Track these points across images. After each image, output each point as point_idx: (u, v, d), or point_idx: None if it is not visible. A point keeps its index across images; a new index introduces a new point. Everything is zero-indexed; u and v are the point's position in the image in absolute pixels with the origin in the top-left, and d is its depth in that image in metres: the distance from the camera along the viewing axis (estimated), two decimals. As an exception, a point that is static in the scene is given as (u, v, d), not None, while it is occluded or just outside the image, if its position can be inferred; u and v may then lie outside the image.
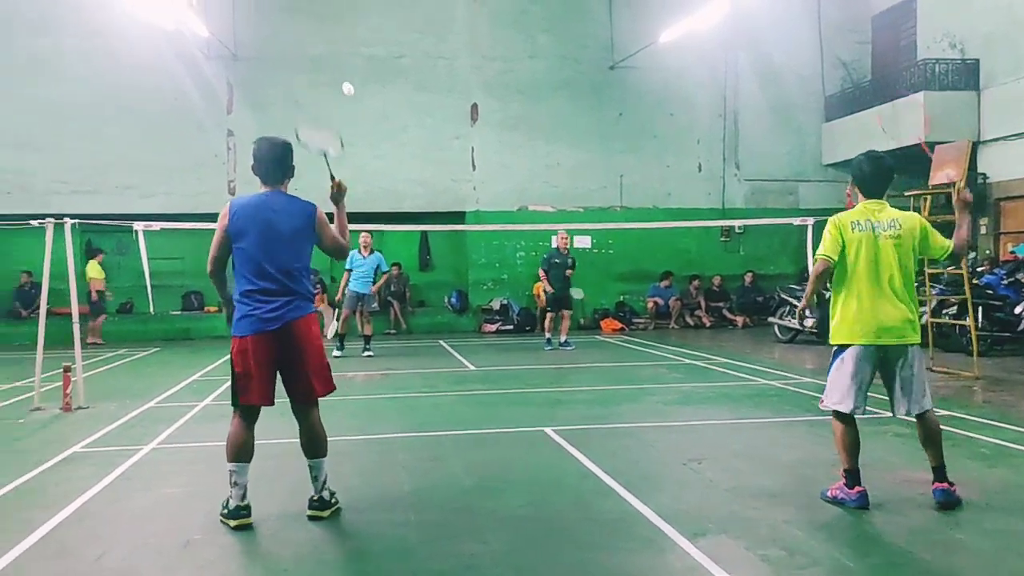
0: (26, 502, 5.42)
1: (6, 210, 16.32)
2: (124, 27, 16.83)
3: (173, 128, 17.75)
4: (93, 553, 4.42)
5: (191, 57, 17.35)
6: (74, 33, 17.25)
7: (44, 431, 7.83)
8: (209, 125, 17.82)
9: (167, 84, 17.46)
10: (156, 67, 17.29)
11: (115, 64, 17.34)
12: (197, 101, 17.62)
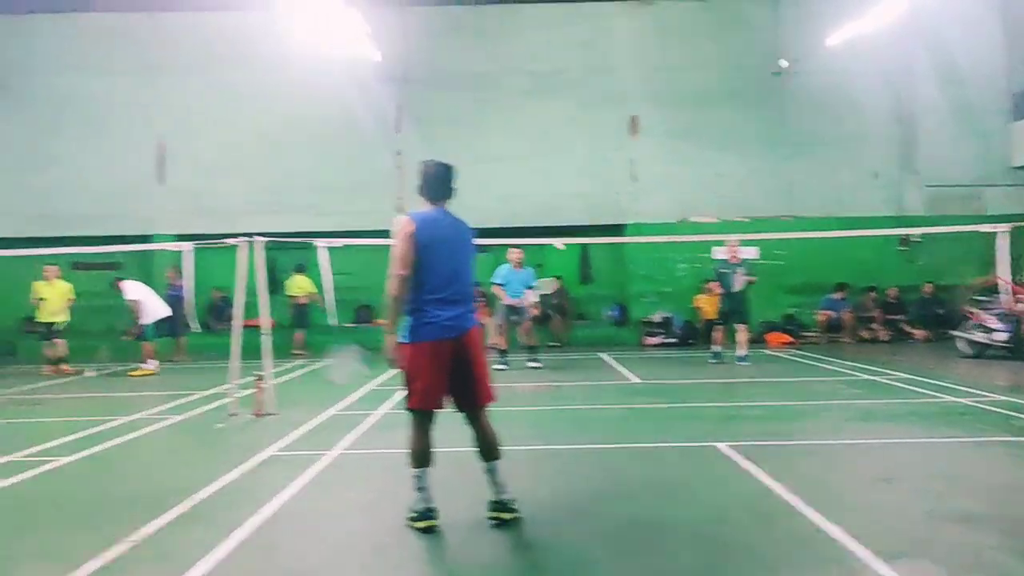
0: (232, 500, 5.84)
1: (202, 230, 17.67)
2: (306, 58, 17.91)
3: (346, 150, 18.72)
4: (297, 552, 4.71)
5: (363, 82, 18.25)
6: (263, 67, 18.51)
7: (241, 435, 8.41)
8: (378, 146, 18.66)
9: (342, 109, 18.43)
10: (332, 93, 18.29)
11: (297, 93, 18.48)
12: (368, 123, 18.50)
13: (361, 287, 18.18)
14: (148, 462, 7.40)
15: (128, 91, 18.78)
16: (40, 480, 6.59)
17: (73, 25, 18.86)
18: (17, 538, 5.06)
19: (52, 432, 8.61)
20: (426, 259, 5.05)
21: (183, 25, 18.78)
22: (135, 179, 18.73)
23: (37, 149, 18.69)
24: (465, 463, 6.03)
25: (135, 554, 4.65)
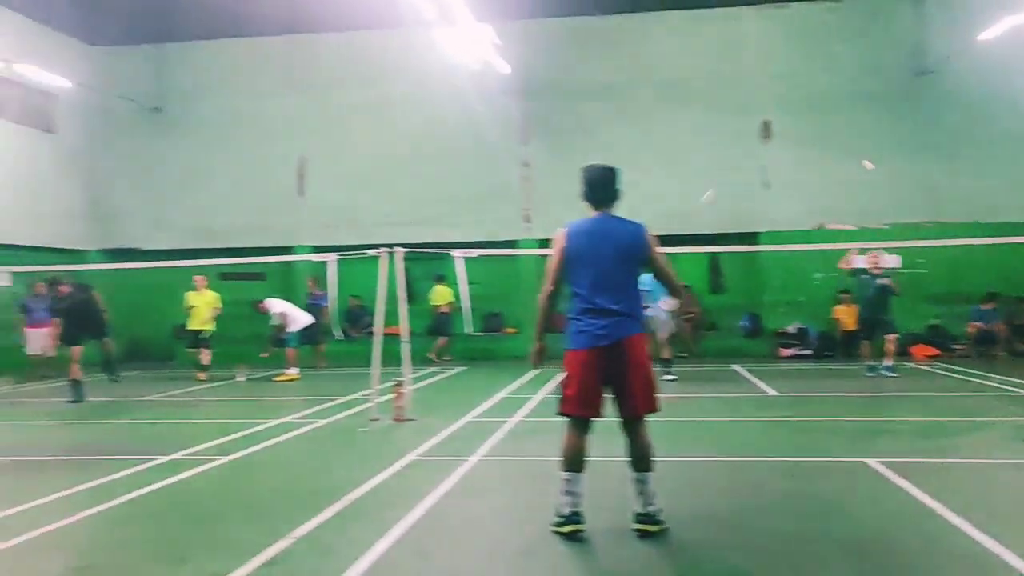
0: (382, 501, 6.05)
1: (338, 241, 18.39)
2: (437, 72, 18.41)
3: (475, 162, 19.07)
4: (448, 554, 4.83)
5: (491, 94, 18.56)
6: (396, 83, 19.15)
7: (383, 439, 8.69)
8: (506, 157, 18.91)
9: (470, 121, 18.81)
10: (462, 106, 18.69)
11: (428, 107, 19.01)
12: (496, 135, 18.79)
13: (489, 296, 18.45)
14: (299, 463, 7.74)
15: (274, 110, 19.76)
16: (203, 477, 7.01)
17: (226, 50, 20.02)
18: (190, 530, 5.40)
19: (209, 433, 9.14)
20: (578, 269, 5.10)
21: (324, 46, 19.62)
22: (278, 193, 19.67)
23: (193, 167, 19.91)
24: (613, 472, 6.04)
25: (298, 549, 4.88)
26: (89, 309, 12.48)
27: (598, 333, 4.98)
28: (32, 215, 18.41)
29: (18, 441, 8.92)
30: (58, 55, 18.76)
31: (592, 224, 5.18)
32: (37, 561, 4.85)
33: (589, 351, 4.99)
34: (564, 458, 5.08)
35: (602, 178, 5.28)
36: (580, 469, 5.07)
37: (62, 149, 19.48)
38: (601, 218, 5.21)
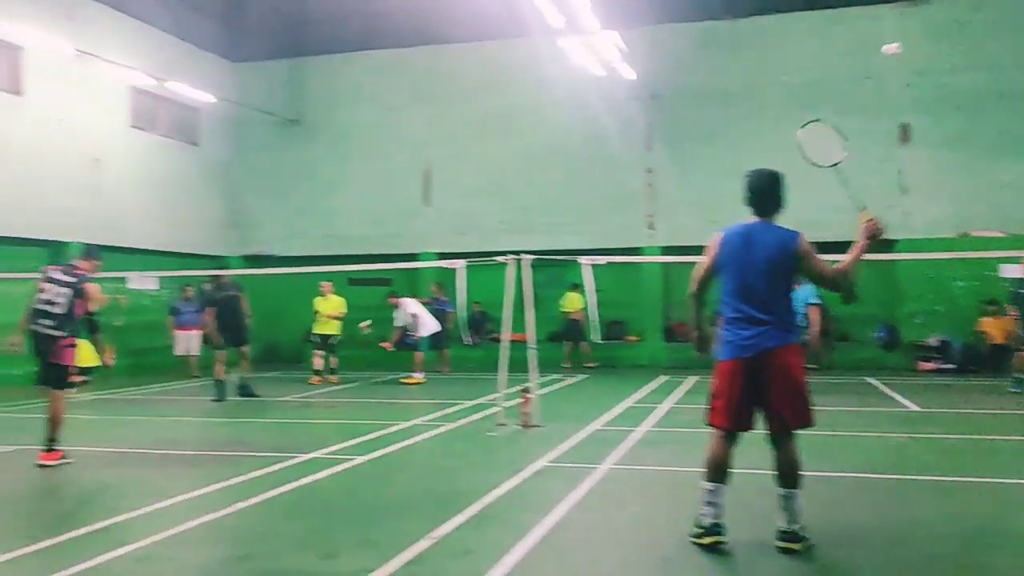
0: (517, 506, 6.09)
1: (461, 248, 18.70)
2: (562, 80, 18.48)
3: (598, 168, 19.03)
4: (586, 560, 4.82)
5: (615, 101, 18.49)
6: (520, 91, 19.36)
7: (511, 445, 8.75)
8: (629, 164, 18.80)
9: (592, 127, 18.80)
10: (585, 113, 18.71)
11: (552, 114, 19.12)
12: (619, 142, 18.70)
13: (612, 303, 18.31)
14: (432, 465, 7.89)
15: (403, 120, 20.34)
16: (342, 476, 7.24)
17: (359, 62, 20.74)
18: (335, 526, 5.58)
19: (343, 433, 9.44)
20: (726, 276, 5.02)
21: (451, 56, 20.05)
22: (405, 202, 20.19)
23: (325, 176, 20.70)
24: (756, 486, 5.89)
25: (439, 549, 4.97)
26: (236, 309, 13.07)
27: (743, 344, 4.87)
28: (178, 223, 19.54)
29: (172, 436, 9.44)
30: (203, 72, 19.86)
31: (745, 231, 5.06)
32: (200, 548, 5.12)
33: (734, 362, 4.88)
34: (707, 468, 4.98)
35: (763, 185, 5.13)
36: (723, 480, 4.96)
37: (205, 161, 20.61)
38: (756, 225, 5.07)
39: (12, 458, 8.25)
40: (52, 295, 7.70)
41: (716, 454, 4.96)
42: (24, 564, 4.74)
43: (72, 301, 7.64)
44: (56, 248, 16.54)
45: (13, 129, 15.44)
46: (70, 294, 7.67)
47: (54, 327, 7.65)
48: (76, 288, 7.71)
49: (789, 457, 4.91)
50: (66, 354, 7.67)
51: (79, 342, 15.51)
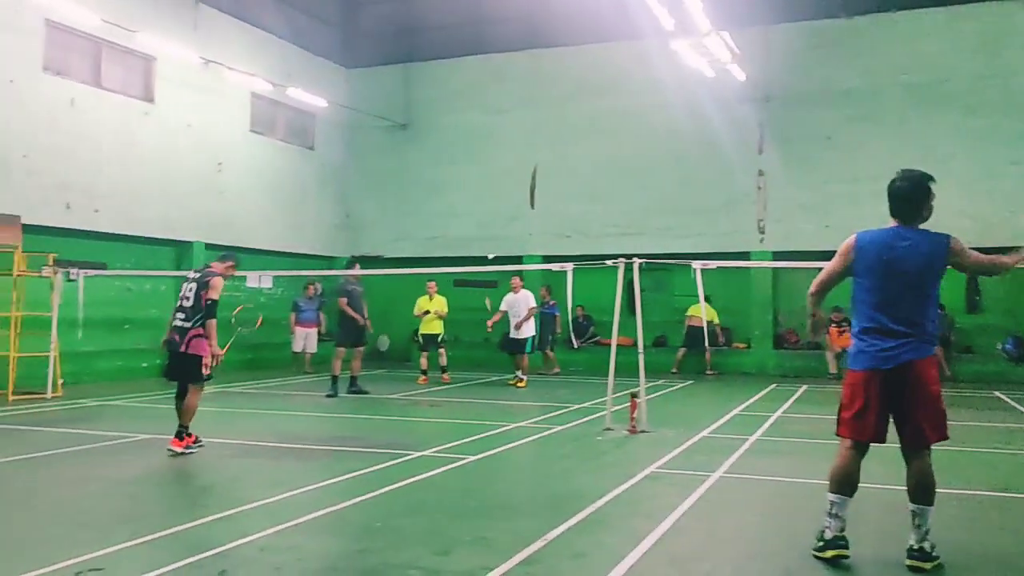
0: (628, 511, 6.05)
1: (568, 251, 18.71)
2: (667, 83, 18.26)
3: (707, 171, 18.70)
4: (702, 568, 4.74)
5: (726, 102, 18.14)
6: (628, 93, 19.22)
7: (619, 450, 8.69)
8: (740, 166, 18.40)
9: (702, 130, 18.48)
10: (694, 115, 18.41)
11: (659, 117, 18.90)
12: (729, 144, 18.33)
13: (720, 309, 17.99)
14: (541, 467, 7.92)
15: (510, 123, 20.47)
16: (454, 474, 7.34)
17: (468, 67, 21.00)
18: (449, 524, 5.66)
19: (453, 433, 9.58)
20: (864, 283, 4.79)
21: (561, 59, 20.05)
22: (510, 205, 20.32)
23: (433, 179, 21.04)
24: (876, 500, 5.68)
25: (552, 551, 4.98)
26: (358, 308, 13.44)
27: (881, 355, 4.66)
28: (292, 225, 20.23)
29: (289, 430, 9.76)
30: (319, 78, 20.51)
31: (887, 236, 4.78)
32: (319, 540, 5.29)
33: (869, 373, 4.69)
34: (833, 479, 4.81)
35: (903, 191, 4.83)
36: (849, 492, 4.79)
37: (319, 164, 21.26)
38: (899, 231, 4.79)
39: (141, 446, 8.70)
40: (185, 292, 8.25)
41: (843, 466, 4.80)
42: (156, 548, 4.99)
43: (199, 295, 8.11)
44: (182, 248, 17.40)
45: (146, 134, 16.30)
46: (196, 288, 8.16)
47: (184, 319, 8.13)
48: (201, 282, 8.18)
49: (923, 472, 4.70)
50: (196, 344, 8.05)
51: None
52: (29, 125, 14.14)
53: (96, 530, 5.39)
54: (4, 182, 13.72)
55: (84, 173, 15.06)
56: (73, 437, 9.09)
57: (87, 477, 7.26)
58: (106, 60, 15.73)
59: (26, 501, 6.36)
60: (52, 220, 14.42)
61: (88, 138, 15.14)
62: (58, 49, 14.84)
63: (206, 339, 8.05)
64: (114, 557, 4.76)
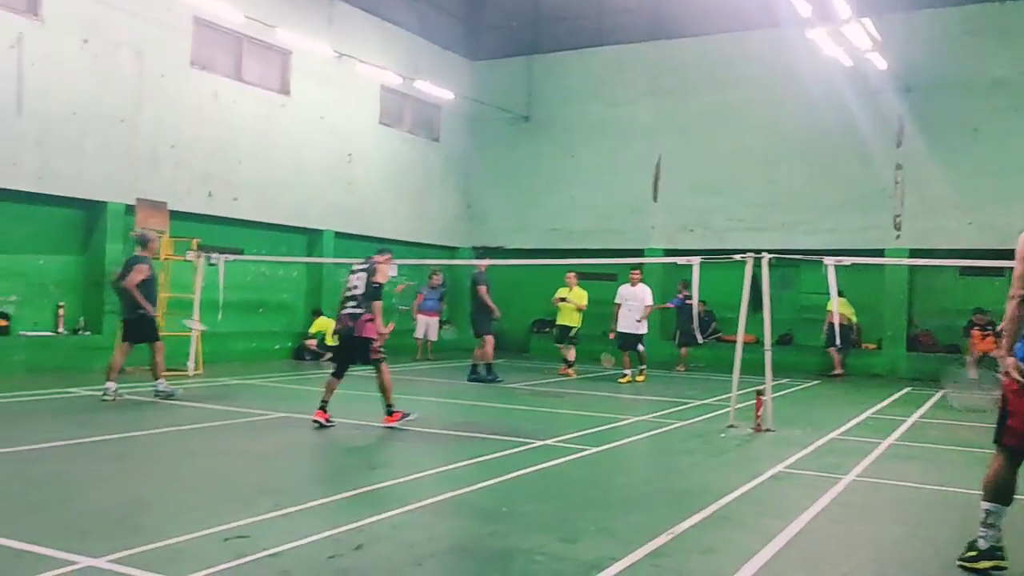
0: (756, 510, 5.91)
1: (690, 245, 18.39)
2: (801, 73, 17.67)
3: (839, 165, 18.02)
4: (838, 571, 4.59)
5: (864, 93, 17.40)
6: (757, 84, 18.72)
7: (743, 447, 8.51)
8: (878, 159, 17.62)
9: (837, 122, 17.80)
10: (828, 107, 17.74)
11: (792, 108, 18.33)
12: (867, 136, 17.59)
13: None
14: (665, 461, 7.85)
15: (633, 115, 20.28)
16: (577, 464, 7.36)
17: (590, 59, 20.93)
18: (574, 513, 5.68)
19: (575, 423, 9.62)
20: None
21: (686, 49, 19.73)
22: (634, 197, 20.13)
23: (554, 171, 21.09)
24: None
25: (679, 545, 4.93)
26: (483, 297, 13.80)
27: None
28: (418, 215, 20.69)
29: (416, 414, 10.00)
30: (445, 70, 20.86)
31: None
32: (450, 521, 5.41)
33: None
34: (989, 487, 4.55)
35: None
36: (1006, 501, 4.52)
37: (443, 156, 21.65)
38: None
39: (278, 423, 9.12)
40: (354, 282, 8.94)
41: (1000, 474, 4.53)
42: (296, 519, 5.22)
43: (368, 283, 8.78)
44: (313, 236, 18.08)
45: (282, 126, 17.01)
46: (365, 277, 8.84)
47: (356, 306, 8.79)
48: (369, 270, 8.84)
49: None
50: (367, 328, 8.70)
51: (327, 322, 16.77)
52: (177, 118, 14.98)
53: (240, 500, 5.68)
54: (154, 171, 14.60)
55: (225, 163, 15.85)
56: (215, 413, 9.62)
57: (230, 450, 7.67)
58: (247, 55, 16.50)
59: (175, 471, 6.77)
60: (196, 207, 15.25)
61: (229, 130, 15.92)
62: (204, 45, 15.66)
63: (374, 323, 8.69)
64: (258, 526, 5.00)
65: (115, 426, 8.57)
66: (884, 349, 17.77)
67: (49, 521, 5.02)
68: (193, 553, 4.45)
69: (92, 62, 13.68)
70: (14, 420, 8.95)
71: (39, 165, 13.01)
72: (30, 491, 5.79)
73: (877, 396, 13.40)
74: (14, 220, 13.31)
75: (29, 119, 12.85)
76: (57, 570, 4.10)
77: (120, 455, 7.25)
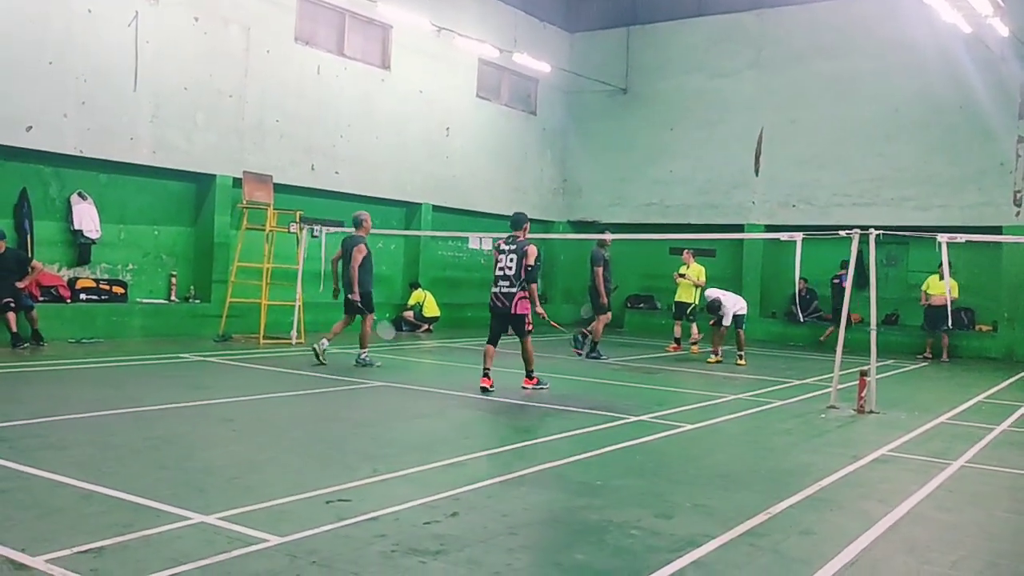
0: (856, 493, 5.75)
1: (790, 221, 17.89)
2: (915, 40, 16.88)
3: (954, 138, 17.17)
4: (945, 559, 4.42)
5: (983, 61, 16.48)
6: (867, 53, 17.97)
7: (844, 429, 8.27)
8: (998, 132, 16.71)
9: (953, 92, 16.95)
10: (943, 76, 16.92)
11: (903, 78, 17.55)
12: (986, 107, 16.68)
13: (961, 288, 16.53)
14: (762, 440, 7.70)
15: (732, 88, 19.77)
16: (672, 441, 7.32)
17: (689, 29, 20.48)
18: (670, 488, 5.66)
19: (669, 400, 9.58)
20: None
21: (791, 17, 19.08)
22: (735, 171, 19.67)
23: (652, 144, 20.78)
24: None
25: (777, 525, 4.84)
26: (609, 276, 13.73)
27: None
28: (514, 188, 20.74)
29: (508, 385, 10.10)
30: (542, 43, 20.76)
31: None
32: (543, 492, 5.44)
33: None
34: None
35: None
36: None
37: (540, 129, 21.60)
38: None
39: (376, 391, 9.37)
40: (505, 262, 9.50)
41: None
42: (394, 485, 5.36)
43: (519, 263, 9.37)
44: (411, 209, 18.37)
45: (383, 100, 17.29)
46: (516, 258, 9.38)
47: (509, 286, 9.43)
48: (520, 252, 9.40)
49: None
50: (521, 305, 9.41)
51: (424, 294, 17.02)
52: (281, 92, 15.39)
53: (342, 465, 5.87)
54: (260, 144, 15.07)
55: (327, 137, 16.23)
56: (318, 380, 9.93)
57: (331, 416, 7.92)
58: (349, 29, 16.79)
59: (282, 435, 7.04)
60: (299, 180, 15.68)
61: (331, 104, 16.27)
62: (308, 20, 16.01)
63: (528, 300, 9.41)
64: (358, 491, 5.16)
65: (225, 391, 8.97)
66: (1000, 331, 16.92)
67: (166, 479, 5.30)
68: (297, 514, 4.63)
69: (203, 39, 14.18)
70: (135, 382, 9.46)
71: (154, 139, 13.61)
72: (150, 450, 6.12)
73: (991, 380, 12.81)
74: (131, 192, 13.98)
75: (144, 95, 13.43)
76: (172, 524, 4.34)
77: (230, 418, 7.58)
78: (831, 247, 14.85)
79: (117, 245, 13.84)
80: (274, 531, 4.28)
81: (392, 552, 4.11)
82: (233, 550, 3.98)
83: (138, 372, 10.25)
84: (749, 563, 4.22)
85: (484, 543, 4.32)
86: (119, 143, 13.18)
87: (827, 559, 4.27)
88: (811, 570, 4.11)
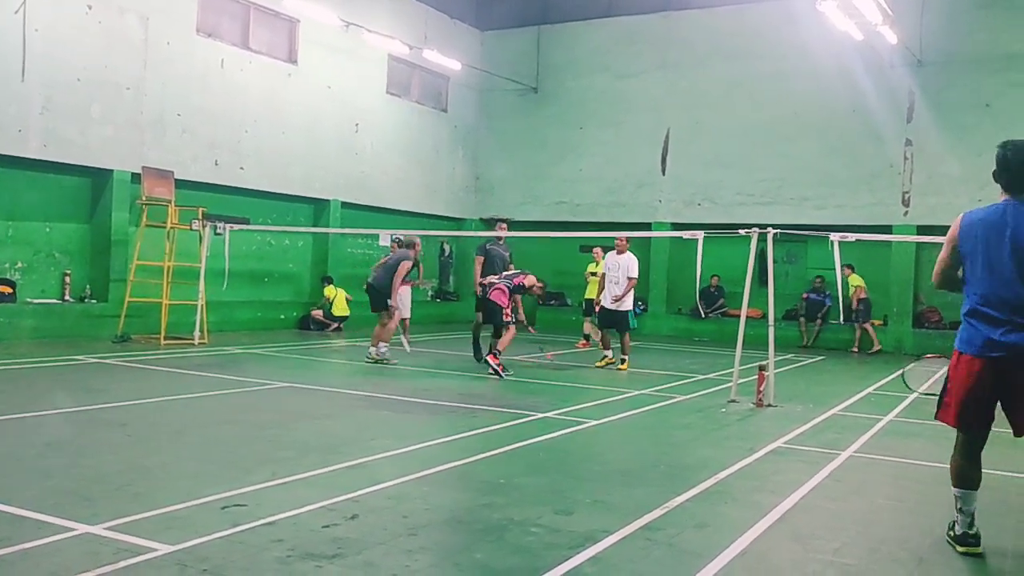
0: (751, 485, 5.94)
1: (698, 219, 18.33)
2: (811, 46, 17.50)
3: (848, 141, 17.90)
4: (830, 548, 4.61)
5: (874, 68, 17.24)
6: (767, 57, 18.54)
7: (743, 422, 8.54)
8: (888, 135, 17.49)
9: (846, 97, 17.67)
10: (838, 81, 17.62)
11: (801, 82, 18.19)
12: (876, 112, 17.45)
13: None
14: (663, 435, 7.88)
15: (640, 88, 20.14)
16: (575, 438, 7.42)
17: (599, 30, 20.74)
18: (570, 485, 5.73)
19: (574, 396, 9.71)
20: (971, 266, 4.44)
21: (695, 21, 19.54)
22: (642, 170, 20.05)
23: (562, 143, 20.99)
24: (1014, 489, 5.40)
25: (673, 518, 4.96)
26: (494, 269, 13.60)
27: (993, 342, 4.31)
28: (425, 186, 20.66)
29: (415, 385, 10.04)
30: (454, 40, 20.71)
31: (992, 214, 4.40)
32: (446, 492, 5.45)
33: (978, 360, 4.37)
34: (952, 472, 4.59)
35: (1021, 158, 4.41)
36: (969, 486, 4.50)
37: (451, 127, 21.55)
38: (1007, 205, 4.38)
39: (280, 393, 9.18)
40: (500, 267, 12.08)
41: (957, 456, 4.58)
42: (293, 489, 5.27)
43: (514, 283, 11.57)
44: (319, 206, 18.08)
45: (290, 95, 16.96)
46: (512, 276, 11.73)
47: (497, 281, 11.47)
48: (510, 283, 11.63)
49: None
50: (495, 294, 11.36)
51: (336, 291, 16.88)
52: (183, 85, 14.94)
53: (239, 469, 5.74)
54: (160, 139, 14.59)
55: (231, 132, 15.83)
56: (218, 381, 9.69)
57: (230, 419, 7.73)
58: (254, 22, 16.41)
59: (177, 439, 6.83)
60: (202, 176, 15.25)
61: (235, 98, 15.87)
62: (210, 12, 15.58)
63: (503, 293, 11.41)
64: (255, 495, 5.06)
65: (120, 394, 8.66)
66: (890, 325, 17.74)
67: (51, 488, 5.09)
68: (190, 521, 4.51)
69: (97, 28, 13.64)
70: (21, 387, 9.04)
71: (44, 132, 13.03)
72: (35, 458, 5.86)
73: (882, 372, 13.40)
74: (20, 187, 13.35)
75: (33, 85, 12.84)
76: (55, 536, 4.17)
77: (124, 422, 7.31)
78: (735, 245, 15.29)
79: (4, 242, 13.21)
80: (164, 539, 4.16)
81: (288, 557, 4.05)
82: (119, 561, 3.85)
83: (27, 376, 9.80)
84: (644, 557, 4.31)
85: (383, 545, 4.29)
86: (6, 135, 12.57)
87: (719, 550, 4.40)
88: (704, 562, 4.23)
